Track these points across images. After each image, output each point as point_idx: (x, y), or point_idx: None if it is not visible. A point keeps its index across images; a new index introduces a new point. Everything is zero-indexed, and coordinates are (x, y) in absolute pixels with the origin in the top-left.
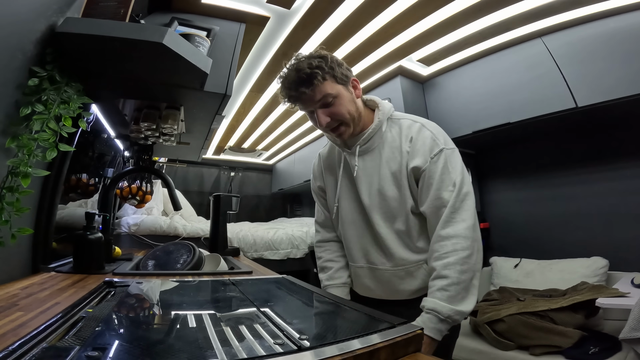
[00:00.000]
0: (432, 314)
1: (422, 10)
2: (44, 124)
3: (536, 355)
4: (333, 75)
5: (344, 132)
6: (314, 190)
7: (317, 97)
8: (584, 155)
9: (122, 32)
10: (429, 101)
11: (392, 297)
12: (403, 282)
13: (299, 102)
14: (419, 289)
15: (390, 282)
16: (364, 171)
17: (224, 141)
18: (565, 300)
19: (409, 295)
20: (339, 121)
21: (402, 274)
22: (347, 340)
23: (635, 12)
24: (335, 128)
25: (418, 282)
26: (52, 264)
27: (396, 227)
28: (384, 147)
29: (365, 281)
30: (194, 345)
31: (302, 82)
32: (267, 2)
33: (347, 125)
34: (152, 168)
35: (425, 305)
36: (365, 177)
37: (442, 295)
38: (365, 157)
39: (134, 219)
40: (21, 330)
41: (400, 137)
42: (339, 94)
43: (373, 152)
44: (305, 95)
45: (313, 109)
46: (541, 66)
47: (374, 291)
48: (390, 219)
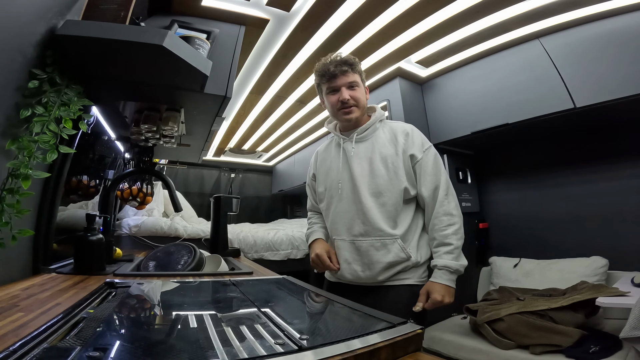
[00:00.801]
0: (445, 269)
1: (421, 12)
2: (45, 126)
3: (536, 354)
4: (361, 74)
5: (354, 112)
6: (309, 180)
7: (350, 78)
8: (583, 155)
9: (123, 34)
10: (428, 102)
11: (368, 270)
12: (378, 253)
13: (332, 79)
14: (390, 263)
15: (367, 252)
16: (357, 155)
17: (224, 143)
18: (565, 300)
19: (381, 269)
20: (354, 103)
21: (378, 244)
22: (347, 340)
23: (633, 13)
24: (349, 108)
25: (391, 256)
26: (53, 265)
27: (381, 200)
28: (376, 139)
29: (345, 253)
30: (195, 346)
31: (346, 62)
32: (266, 5)
33: (358, 108)
34: (152, 170)
35: (437, 264)
36: (358, 159)
37: (449, 257)
38: (360, 145)
39: (135, 221)
40: (22, 331)
41: (394, 133)
42: (361, 86)
43: (366, 142)
44: (343, 73)
45: (339, 88)
46: (539, 67)
47: (352, 264)
48: (376, 194)
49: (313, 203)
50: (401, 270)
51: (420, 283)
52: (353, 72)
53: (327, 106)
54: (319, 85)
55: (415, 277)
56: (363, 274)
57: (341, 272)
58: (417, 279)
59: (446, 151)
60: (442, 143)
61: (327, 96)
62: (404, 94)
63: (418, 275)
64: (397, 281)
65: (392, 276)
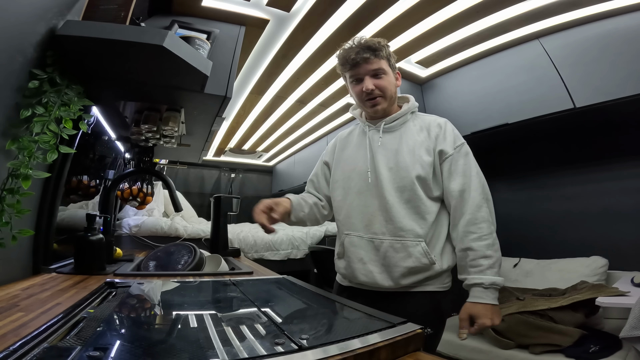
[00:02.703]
0: (493, 288)
1: (420, 13)
2: (45, 126)
3: (536, 354)
4: (389, 59)
5: (380, 103)
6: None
7: (374, 65)
8: (582, 155)
9: (123, 34)
10: (428, 102)
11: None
12: (398, 255)
13: (355, 67)
14: (411, 269)
15: (386, 254)
16: (384, 146)
17: (225, 143)
18: (565, 300)
19: (400, 274)
20: (380, 93)
21: (398, 246)
22: (347, 340)
23: (632, 14)
24: (375, 99)
25: (412, 260)
26: (53, 265)
27: (405, 196)
28: (405, 131)
29: (360, 252)
30: (196, 345)
31: (369, 48)
32: (266, 5)
33: (384, 99)
34: (152, 170)
35: (483, 282)
36: (385, 150)
37: (493, 272)
38: (387, 135)
39: (135, 220)
40: (22, 331)
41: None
42: (388, 73)
43: (394, 133)
44: (366, 60)
45: (362, 77)
46: (539, 67)
47: (366, 264)
48: (400, 189)
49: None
50: (424, 279)
51: (443, 289)
52: (377, 58)
53: (352, 95)
54: (342, 73)
55: (437, 283)
56: (379, 277)
57: (353, 273)
58: (440, 285)
59: None
60: None
61: (351, 85)
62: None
63: (441, 282)
64: (418, 288)
65: (412, 284)
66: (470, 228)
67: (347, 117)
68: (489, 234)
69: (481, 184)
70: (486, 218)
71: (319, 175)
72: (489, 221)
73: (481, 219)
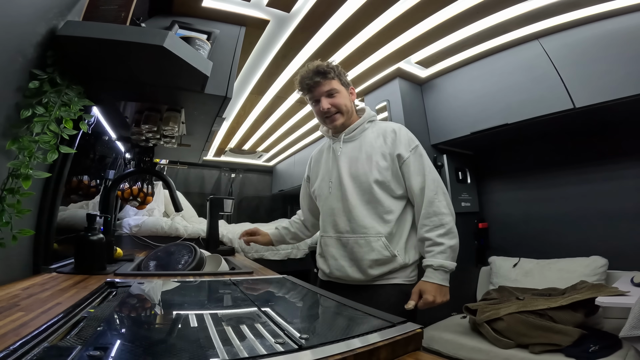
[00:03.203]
0: (441, 270)
1: (420, 13)
2: (45, 126)
3: (536, 354)
4: (340, 78)
5: (338, 119)
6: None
7: (325, 87)
8: (582, 155)
9: (123, 35)
10: (428, 103)
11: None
12: (362, 249)
13: (311, 90)
14: (375, 261)
15: (353, 249)
16: (345, 154)
17: (225, 143)
18: (565, 299)
19: (368, 265)
20: (336, 109)
21: (362, 241)
22: (347, 339)
23: (632, 14)
24: (332, 115)
25: (375, 254)
26: (54, 265)
27: (366, 198)
28: (364, 139)
29: (331, 250)
30: (196, 345)
31: (318, 73)
32: (266, 6)
33: (342, 114)
34: (153, 170)
35: (432, 264)
36: (346, 158)
37: (443, 256)
38: (348, 144)
39: (135, 220)
40: (22, 330)
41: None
42: (341, 90)
43: (354, 142)
44: (318, 84)
45: (319, 98)
46: (539, 68)
47: (338, 260)
48: (361, 192)
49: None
50: (390, 271)
51: (408, 282)
52: (328, 80)
53: (315, 115)
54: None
55: (403, 276)
56: (350, 270)
57: (330, 269)
58: (405, 278)
59: (446, 151)
60: (442, 143)
61: (312, 107)
62: (403, 95)
63: (406, 275)
64: (385, 280)
65: (381, 276)
66: (425, 221)
67: None
68: (440, 225)
69: (434, 180)
70: (438, 211)
71: (304, 194)
72: (441, 213)
73: (433, 213)
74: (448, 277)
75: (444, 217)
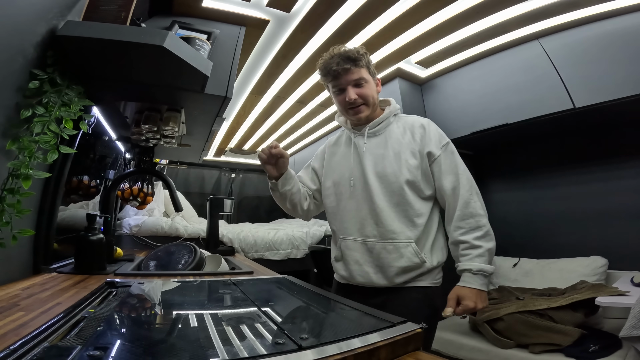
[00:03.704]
0: (480, 274)
1: (420, 13)
2: (45, 127)
3: (535, 354)
4: (369, 67)
5: (363, 111)
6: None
7: (354, 76)
8: (582, 155)
9: (123, 35)
10: (428, 103)
11: (379, 272)
12: (390, 256)
13: (337, 77)
14: (404, 268)
15: (379, 255)
16: (370, 150)
17: (225, 143)
18: (565, 299)
19: (394, 273)
20: (363, 101)
21: (390, 247)
22: (347, 339)
23: (632, 14)
24: (358, 107)
25: (404, 260)
26: (54, 265)
27: (395, 200)
28: (390, 134)
29: (355, 254)
30: (196, 345)
31: (349, 59)
32: (267, 6)
33: (367, 106)
34: (153, 170)
35: (471, 269)
36: (371, 155)
37: (482, 260)
38: (372, 140)
39: (135, 220)
40: (22, 330)
41: (408, 128)
42: (369, 81)
43: (379, 137)
44: (347, 72)
45: (345, 87)
46: (538, 68)
47: (362, 266)
48: (389, 194)
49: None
50: (416, 276)
51: (434, 285)
52: (358, 68)
53: (336, 104)
54: (325, 83)
55: (429, 279)
56: (375, 277)
57: (351, 274)
58: (431, 281)
59: None
60: None
61: (334, 95)
62: (403, 95)
63: (432, 278)
64: (411, 283)
65: (406, 281)
66: (460, 223)
67: None
68: (477, 227)
69: (468, 180)
70: (475, 212)
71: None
72: (478, 215)
73: (469, 214)
74: (487, 281)
75: (481, 218)
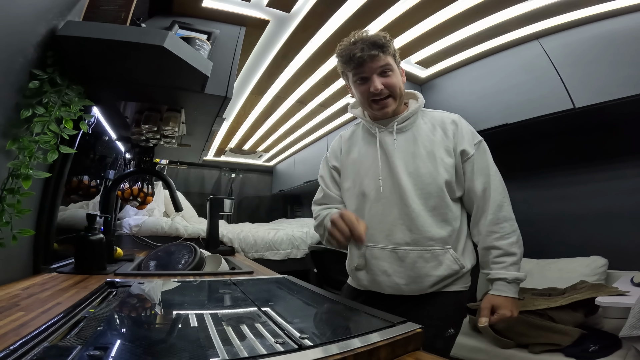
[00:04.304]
0: (515, 283)
1: (420, 13)
2: (45, 127)
3: (535, 353)
4: (394, 55)
5: (390, 104)
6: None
7: (381, 62)
8: (582, 155)
9: (123, 35)
10: (427, 103)
11: (412, 283)
12: (428, 264)
13: (361, 65)
14: (443, 277)
15: (415, 265)
16: (400, 149)
17: (225, 143)
18: (565, 299)
19: (431, 283)
20: (389, 92)
21: (428, 255)
22: (347, 339)
23: (632, 14)
24: (384, 99)
25: (443, 269)
26: (54, 265)
27: (431, 203)
28: (418, 131)
29: (383, 264)
30: (196, 345)
31: (375, 44)
32: (267, 6)
33: (394, 99)
34: (153, 170)
35: (507, 278)
36: (401, 154)
37: (516, 268)
38: (400, 136)
39: (136, 220)
40: (22, 330)
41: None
42: (395, 70)
43: (406, 133)
44: (373, 58)
45: (369, 75)
46: (538, 68)
47: (392, 277)
48: (425, 196)
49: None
50: (451, 283)
51: (465, 289)
52: (385, 55)
53: (356, 95)
54: (344, 71)
55: (461, 283)
56: (407, 288)
57: (379, 285)
58: (463, 285)
59: None
60: None
61: (356, 85)
62: None
63: (464, 282)
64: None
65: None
66: (493, 228)
67: (347, 117)
68: (511, 232)
69: (500, 182)
70: (508, 217)
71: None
72: (511, 219)
73: (503, 218)
74: (519, 289)
75: (513, 222)
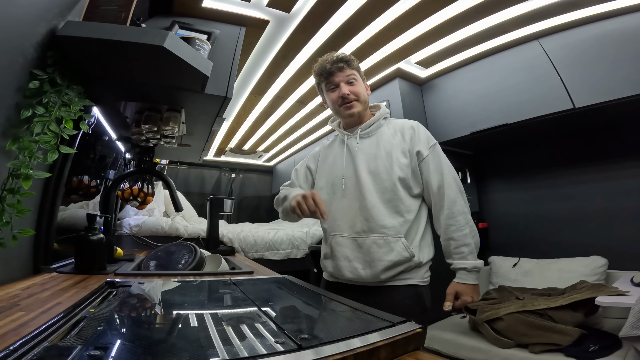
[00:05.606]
0: (474, 271)
1: (420, 13)
2: (45, 127)
3: (535, 353)
4: (359, 70)
5: (356, 107)
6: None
7: (347, 72)
8: (582, 155)
9: (123, 35)
10: (427, 103)
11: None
12: (381, 250)
13: (331, 75)
14: (394, 262)
15: (370, 250)
16: (362, 150)
17: (225, 143)
18: (565, 299)
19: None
20: (355, 97)
21: (381, 242)
22: (347, 339)
23: (632, 15)
24: (350, 103)
25: (394, 255)
26: (54, 265)
27: (386, 197)
28: (381, 136)
29: (345, 250)
30: (196, 344)
31: (342, 60)
32: (267, 6)
33: (359, 102)
34: (153, 170)
35: (467, 267)
36: (363, 155)
37: (473, 256)
38: (364, 140)
39: (136, 220)
40: (22, 330)
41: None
42: (360, 81)
43: (371, 138)
44: (340, 70)
45: (338, 84)
46: (538, 68)
47: (352, 262)
48: (382, 190)
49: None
50: (403, 271)
51: (423, 284)
52: (350, 68)
53: (329, 104)
54: (319, 84)
55: (417, 277)
56: (363, 272)
57: (340, 271)
58: (420, 279)
59: (445, 151)
60: (442, 143)
61: (328, 94)
62: (403, 95)
63: (420, 276)
64: (400, 281)
65: (394, 276)
66: (450, 221)
67: None
68: (465, 224)
69: (454, 179)
70: (461, 210)
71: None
72: (464, 212)
73: (457, 212)
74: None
75: (467, 215)
